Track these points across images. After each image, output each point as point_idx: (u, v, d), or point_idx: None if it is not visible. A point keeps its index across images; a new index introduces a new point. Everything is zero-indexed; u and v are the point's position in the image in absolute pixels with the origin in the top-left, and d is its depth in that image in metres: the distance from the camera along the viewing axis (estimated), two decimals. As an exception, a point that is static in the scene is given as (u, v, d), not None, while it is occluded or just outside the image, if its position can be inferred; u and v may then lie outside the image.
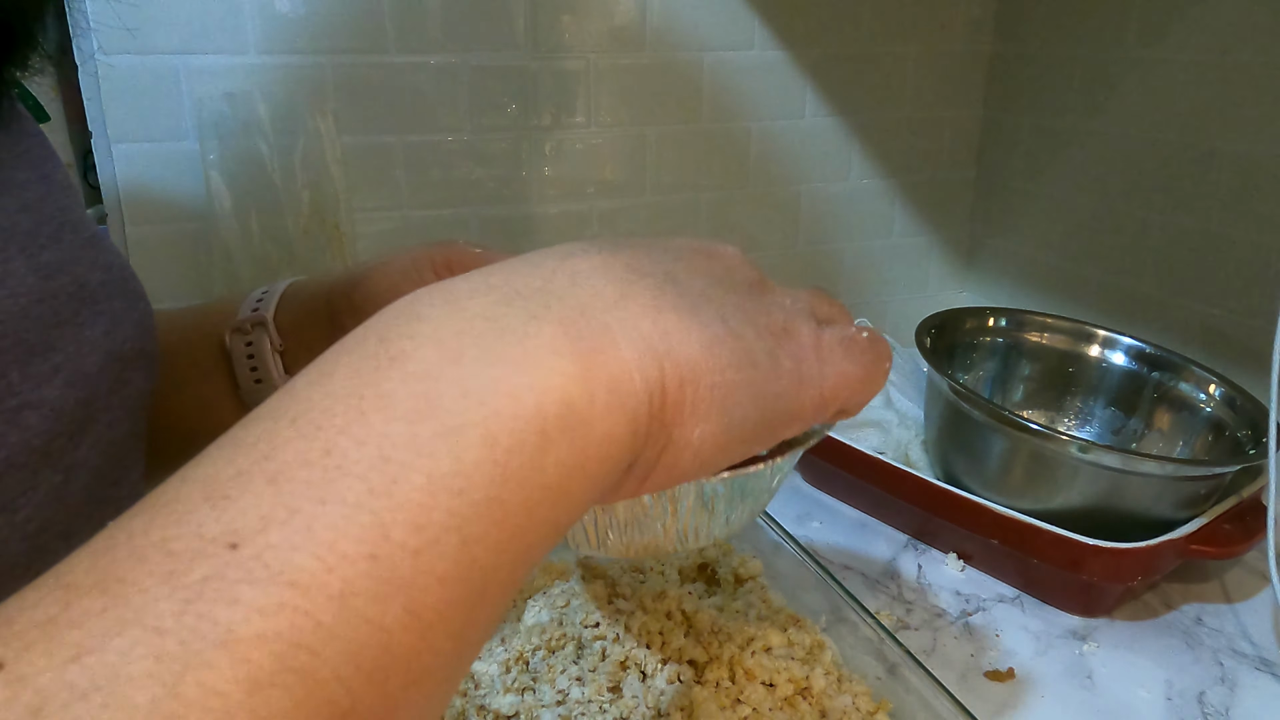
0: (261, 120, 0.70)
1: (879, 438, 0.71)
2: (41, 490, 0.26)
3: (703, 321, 0.22)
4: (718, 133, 0.89)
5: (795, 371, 0.24)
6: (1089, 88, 0.87)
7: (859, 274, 1.01)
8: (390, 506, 0.17)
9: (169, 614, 0.15)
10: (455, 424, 0.18)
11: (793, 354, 0.24)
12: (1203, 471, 0.58)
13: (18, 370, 0.26)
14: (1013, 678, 0.52)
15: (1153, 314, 0.84)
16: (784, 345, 0.24)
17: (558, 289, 0.21)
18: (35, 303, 0.27)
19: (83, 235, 0.31)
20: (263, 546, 0.16)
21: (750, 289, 0.25)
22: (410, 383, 0.18)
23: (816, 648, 0.47)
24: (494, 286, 0.21)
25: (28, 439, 0.25)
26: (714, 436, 0.22)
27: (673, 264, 0.24)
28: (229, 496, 0.17)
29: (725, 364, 0.22)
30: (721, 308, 0.23)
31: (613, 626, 0.47)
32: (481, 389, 0.19)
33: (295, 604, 0.15)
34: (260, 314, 0.43)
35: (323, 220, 0.72)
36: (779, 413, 0.24)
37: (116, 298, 0.31)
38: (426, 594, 0.17)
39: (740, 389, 0.22)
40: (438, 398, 0.18)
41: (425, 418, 0.18)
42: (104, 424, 0.29)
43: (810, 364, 0.25)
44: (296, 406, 0.18)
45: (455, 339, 0.19)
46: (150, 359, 0.34)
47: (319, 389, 0.19)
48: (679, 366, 0.21)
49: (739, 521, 0.34)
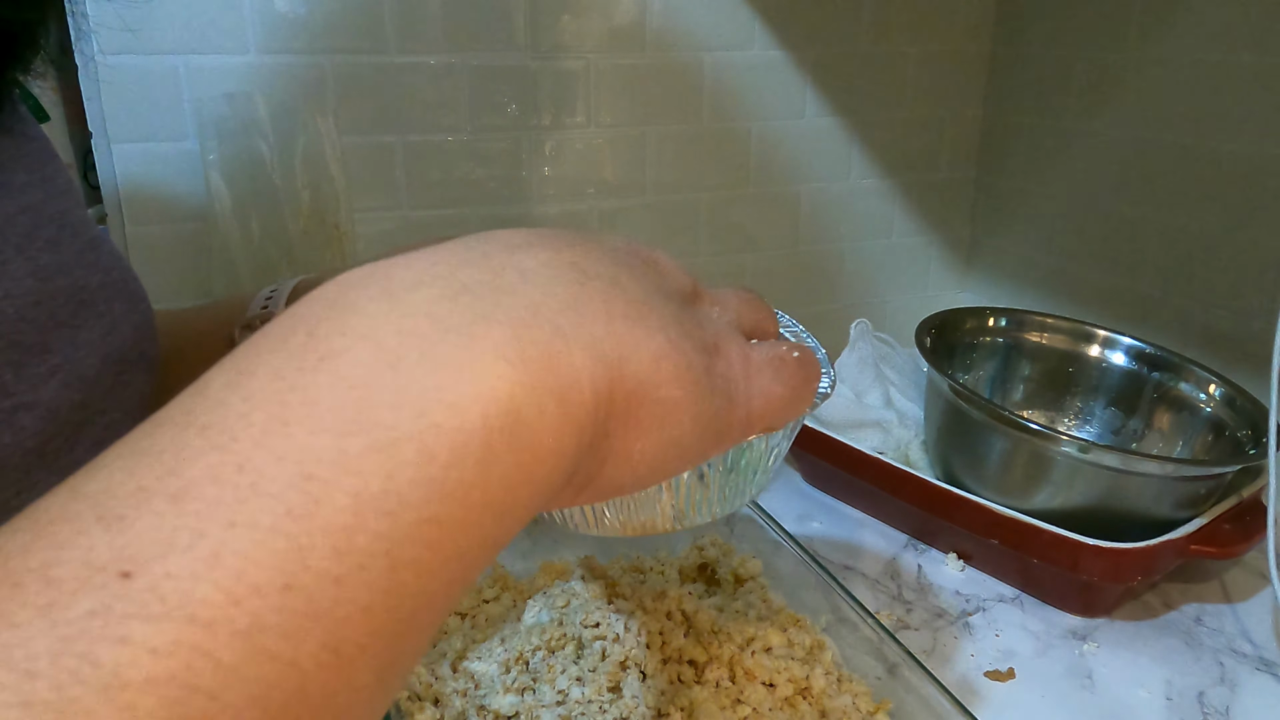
0: (261, 120, 0.70)
1: (879, 438, 0.71)
2: (36, 492, 0.26)
3: (649, 332, 0.21)
4: (718, 133, 0.89)
5: (725, 391, 0.24)
6: (1089, 88, 0.87)
7: (859, 274, 1.01)
8: (310, 530, 0.15)
9: (44, 654, 0.13)
10: (388, 438, 0.16)
11: (723, 374, 0.24)
12: (1203, 471, 0.58)
13: (12, 372, 0.26)
14: (1013, 678, 0.52)
15: (1153, 314, 0.84)
16: (716, 364, 0.24)
17: (507, 284, 0.20)
18: (32, 305, 0.27)
19: (83, 238, 0.31)
20: (160, 576, 0.14)
21: (684, 299, 0.25)
22: (340, 390, 0.17)
23: (816, 648, 0.47)
24: (438, 277, 0.19)
25: (21, 440, 0.25)
26: (652, 452, 0.22)
27: (616, 267, 0.23)
28: (124, 516, 0.15)
29: (669, 379, 0.21)
30: (664, 318, 0.22)
31: (613, 626, 0.47)
32: (420, 398, 0.17)
33: (194, 642, 0.14)
34: (270, 310, 0.43)
35: (323, 220, 0.72)
36: (711, 431, 0.24)
37: (116, 300, 0.31)
38: (348, 626, 0.15)
39: (680, 406, 0.22)
40: (370, 408, 0.16)
41: (355, 431, 0.16)
42: (102, 426, 0.29)
43: (738, 384, 0.24)
44: (209, 412, 0.16)
45: (394, 338, 0.17)
46: (151, 361, 0.34)
47: (236, 391, 0.17)
48: (626, 377, 0.20)
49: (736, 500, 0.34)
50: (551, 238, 0.23)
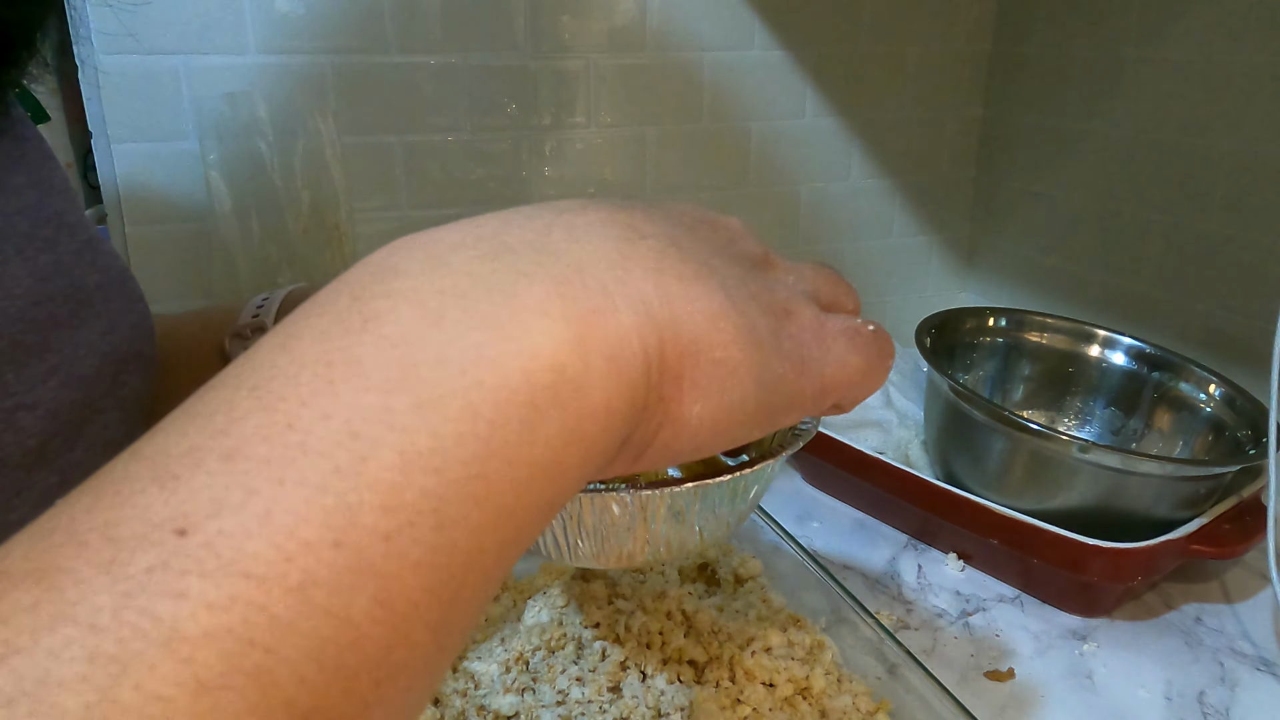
0: (261, 120, 0.70)
1: (879, 438, 0.71)
2: (36, 491, 0.26)
3: (707, 291, 0.21)
4: (718, 133, 0.89)
5: (797, 355, 0.23)
6: (1089, 88, 0.87)
7: (859, 274, 1.01)
8: (358, 487, 0.15)
9: (107, 609, 0.13)
10: (433, 395, 0.16)
11: (795, 336, 0.23)
12: (1203, 471, 0.58)
13: (13, 372, 0.26)
14: (1013, 678, 0.52)
15: (1153, 314, 0.84)
16: (786, 326, 0.23)
17: (553, 244, 0.19)
18: (31, 305, 0.27)
19: (80, 238, 0.31)
20: (214, 533, 0.14)
21: (754, 263, 0.24)
22: (384, 348, 0.17)
23: (816, 648, 0.47)
24: (482, 239, 0.19)
25: (22, 440, 0.25)
26: (712, 416, 0.21)
27: (675, 229, 0.22)
28: (178, 476, 0.15)
29: (728, 339, 0.21)
30: (725, 279, 0.22)
31: (613, 627, 0.47)
32: (463, 355, 0.17)
33: (249, 597, 0.14)
34: (260, 320, 0.43)
35: (323, 220, 0.72)
36: (779, 397, 0.22)
37: (114, 300, 0.31)
38: (399, 582, 0.15)
39: (742, 368, 0.21)
40: (414, 366, 0.17)
41: (400, 388, 0.16)
42: (100, 425, 0.29)
43: (812, 349, 0.23)
44: (258, 374, 0.17)
45: (436, 298, 0.18)
46: (148, 361, 0.34)
47: (284, 354, 0.17)
48: (680, 337, 0.20)
49: (715, 533, 0.33)
50: (610, 202, 0.22)
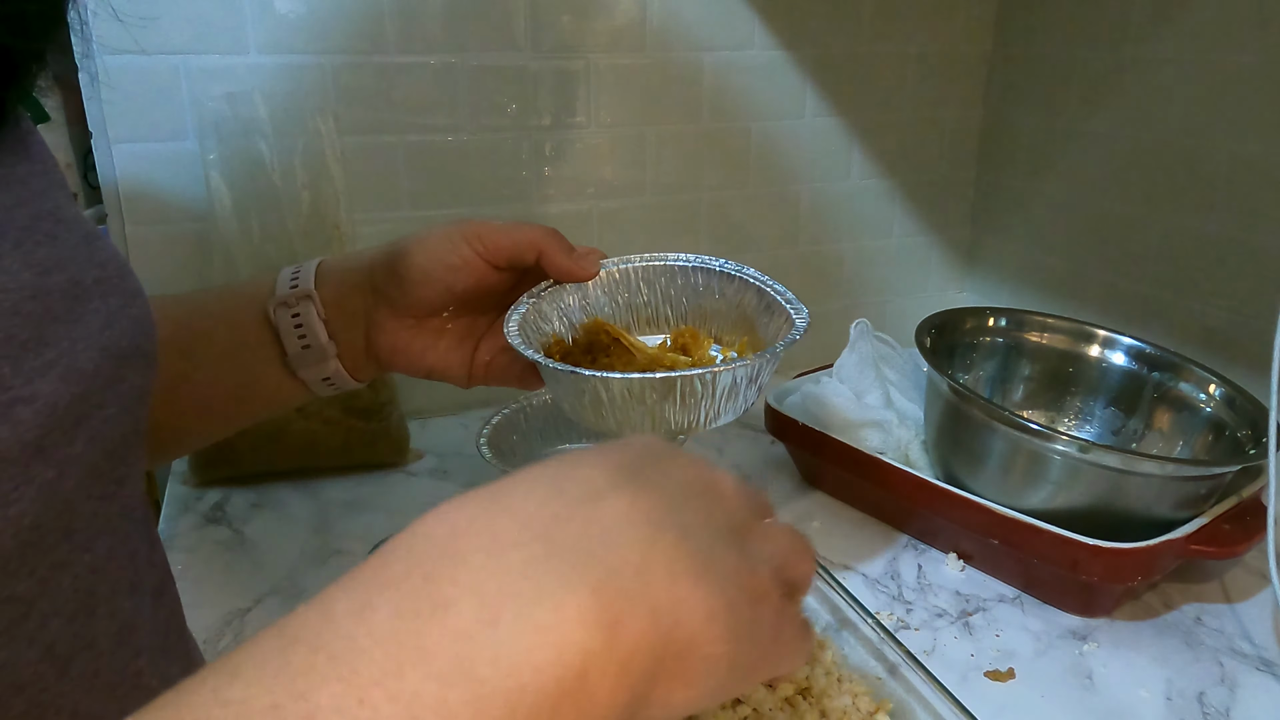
0: (261, 120, 0.70)
1: (879, 438, 0.71)
2: (35, 485, 0.26)
3: (709, 591, 0.24)
4: (718, 133, 0.89)
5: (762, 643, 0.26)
6: (1089, 88, 0.87)
7: (859, 274, 1.01)
8: None
9: None
10: (483, 692, 0.20)
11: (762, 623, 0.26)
12: (1203, 471, 0.58)
13: (10, 365, 0.25)
14: (1013, 678, 0.52)
15: (1153, 314, 0.84)
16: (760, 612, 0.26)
17: (591, 547, 0.23)
18: (29, 298, 0.27)
19: (77, 233, 0.31)
20: None
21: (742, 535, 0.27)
22: (448, 641, 0.20)
23: (816, 648, 0.47)
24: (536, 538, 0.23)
25: (20, 434, 0.25)
26: (688, 700, 0.24)
27: (683, 511, 0.25)
28: None
29: (718, 637, 0.24)
30: (723, 571, 0.25)
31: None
32: (512, 659, 0.20)
33: None
34: (303, 289, 0.48)
35: (323, 220, 0.72)
36: (742, 681, 0.26)
37: (112, 295, 0.31)
38: None
39: (724, 660, 0.24)
40: (471, 662, 0.20)
41: (457, 682, 0.19)
42: (99, 420, 0.29)
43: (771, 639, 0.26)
44: (336, 642, 0.20)
45: (496, 596, 0.21)
46: (148, 357, 0.34)
47: (361, 624, 0.20)
48: (679, 641, 0.23)
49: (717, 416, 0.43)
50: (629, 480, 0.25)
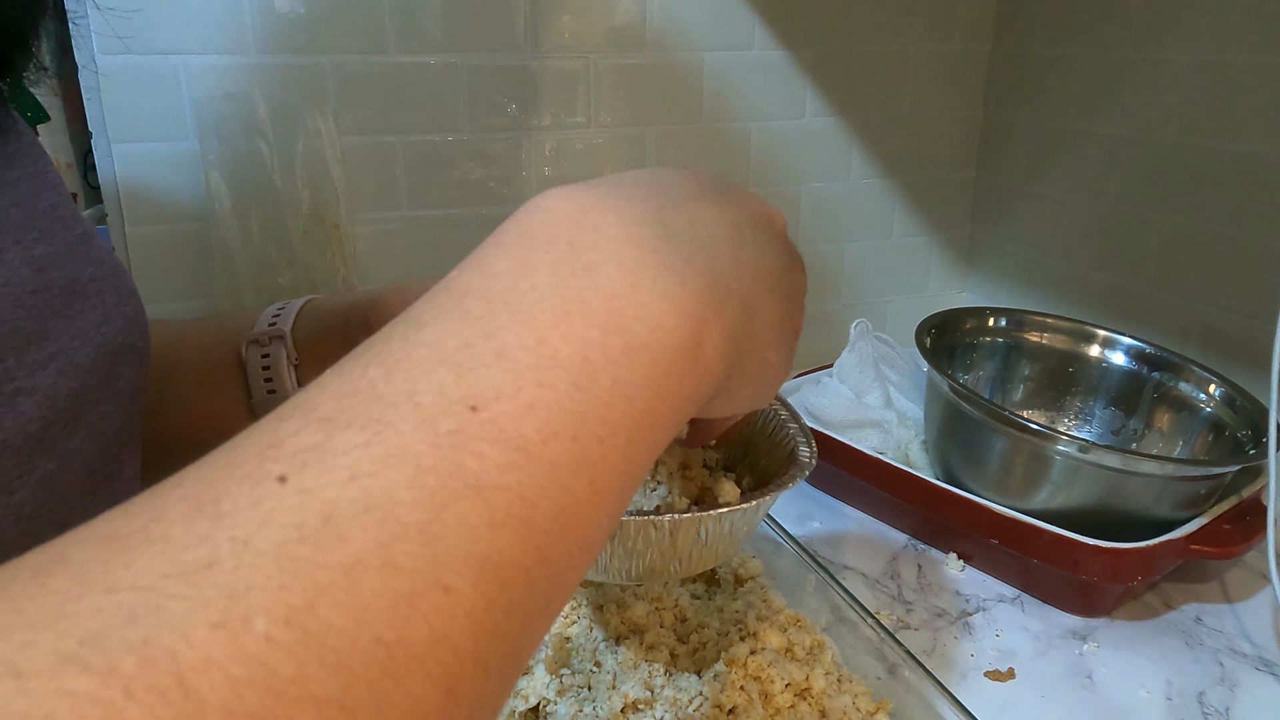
0: (261, 120, 0.70)
1: (879, 438, 0.71)
2: (36, 475, 0.26)
3: (773, 303, 0.27)
4: (718, 133, 0.89)
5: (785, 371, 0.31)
6: (1089, 88, 0.87)
7: (859, 274, 1.01)
8: (587, 400, 0.20)
9: (427, 455, 0.18)
10: (635, 343, 0.22)
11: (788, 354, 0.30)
12: (1203, 471, 0.58)
13: (14, 357, 0.26)
14: (1013, 678, 0.52)
15: (1153, 314, 0.84)
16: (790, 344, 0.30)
17: (698, 237, 0.25)
18: (29, 293, 0.27)
19: (73, 232, 0.31)
20: (498, 414, 0.19)
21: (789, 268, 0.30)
22: (603, 297, 0.22)
23: (816, 648, 0.47)
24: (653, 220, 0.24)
25: (23, 424, 0.26)
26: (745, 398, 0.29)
27: (758, 232, 0.28)
28: (461, 364, 0.19)
29: (774, 343, 0.28)
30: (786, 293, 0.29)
31: (614, 628, 0.47)
32: (654, 317, 0.22)
33: (522, 466, 0.19)
34: (278, 328, 0.44)
35: (323, 220, 0.72)
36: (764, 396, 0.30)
37: (108, 293, 0.32)
38: (605, 476, 0.20)
39: (772, 368, 0.29)
40: (622, 317, 0.22)
41: (615, 332, 0.21)
42: (96, 415, 0.30)
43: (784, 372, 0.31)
44: (505, 294, 0.21)
45: (634, 264, 0.23)
46: (141, 355, 0.34)
47: (524, 280, 0.22)
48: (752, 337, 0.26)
49: (725, 552, 0.41)
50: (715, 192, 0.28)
